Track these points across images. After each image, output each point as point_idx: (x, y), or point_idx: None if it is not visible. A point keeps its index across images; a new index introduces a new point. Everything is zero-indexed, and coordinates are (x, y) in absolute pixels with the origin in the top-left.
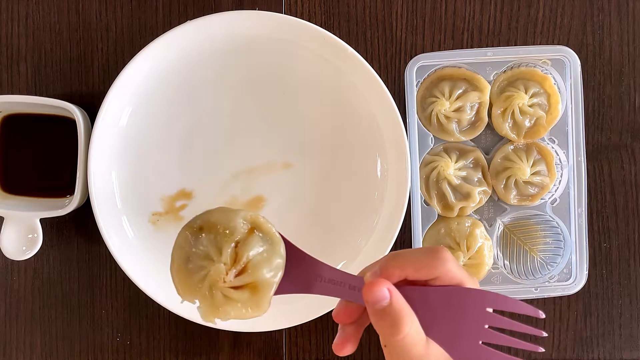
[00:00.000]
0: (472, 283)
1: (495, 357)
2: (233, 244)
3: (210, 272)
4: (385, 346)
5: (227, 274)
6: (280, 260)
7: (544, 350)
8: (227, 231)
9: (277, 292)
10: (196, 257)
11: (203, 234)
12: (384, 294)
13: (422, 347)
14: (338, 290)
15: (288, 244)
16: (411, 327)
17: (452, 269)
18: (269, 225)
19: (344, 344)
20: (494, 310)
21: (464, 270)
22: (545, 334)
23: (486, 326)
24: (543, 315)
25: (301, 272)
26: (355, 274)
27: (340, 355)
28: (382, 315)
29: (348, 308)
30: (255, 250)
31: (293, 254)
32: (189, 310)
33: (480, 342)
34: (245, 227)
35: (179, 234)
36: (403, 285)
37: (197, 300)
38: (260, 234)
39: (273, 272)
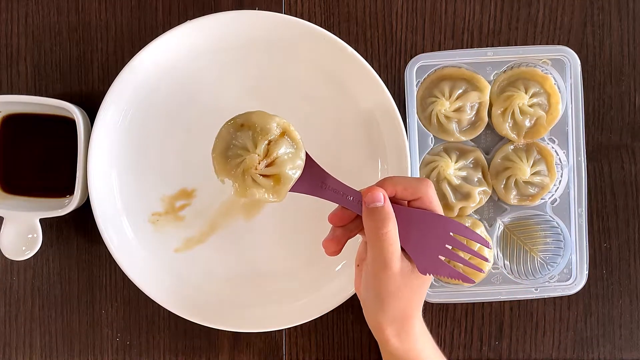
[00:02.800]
0: (441, 212)
1: (446, 269)
2: (266, 142)
3: (246, 160)
4: (358, 266)
5: (259, 163)
6: (300, 162)
7: (484, 274)
8: (263, 131)
9: (292, 189)
10: (235, 147)
11: (243, 130)
12: (380, 197)
13: (397, 249)
14: (338, 197)
15: (307, 155)
16: (394, 227)
17: (432, 196)
18: (296, 133)
19: (332, 242)
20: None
21: (439, 203)
22: (490, 247)
23: (448, 246)
24: (490, 246)
25: (313, 177)
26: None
27: (328, 253)
28: (374, 213)
29: (342, 214)
30: (283, 150)
31: (309, 163)
32: (189, 310)
33: (439, 257)
34: (278, 130)
35: (222, 127)
36: (391, 203)
37: (228, 180)
38: (289, 139)
39: (294, 170)
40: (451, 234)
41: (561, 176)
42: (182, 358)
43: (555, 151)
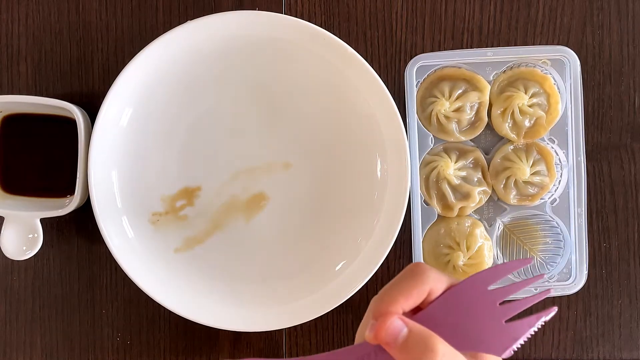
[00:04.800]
0: (455, 279)
1: (524, 326)
2: None
3: None
4: None
5: None
6: None
7: (556, 308)
8: None
9: None
10: None
11: None
12: (399, 325)
13: None
14: None
15: None
16: (444, 344)
17: (437, 277)
18: None
19: None
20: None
21: (443, 273)
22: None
23: (498, 304)
24: (532, 260)
25: None
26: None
27: None
28: (408, 347)
29: None
30: None
31: None
32: (189, 310)
33: (504, 322)
34: None
35: None
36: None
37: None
38: None
39: None
40: (489, 289)
41: (561, 176)
42: (182, 358)
43: (555, 151)
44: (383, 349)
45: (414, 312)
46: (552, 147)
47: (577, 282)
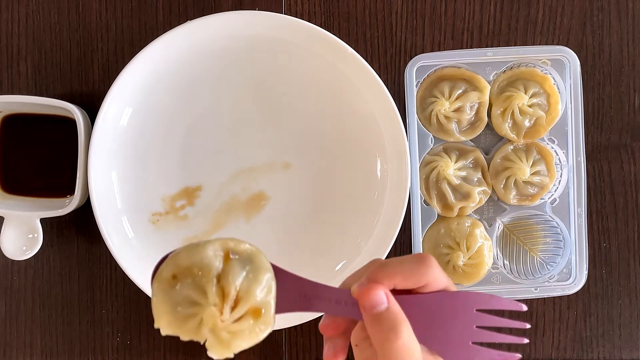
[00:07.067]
0: (454, 287)
1: (485, 354)
2: (215, 280)
3: (204, 319)
4: (357, 346)
5: (221, 313)
6: (269, 274)
7: (527, 341)
8: (204, 269)
9: (277, 311)
10: (183, 305)
11: (179, 282)
12: (382, 299)
13: (419, 355)
14: (328, 306)
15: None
16: (408, 332)
17: (439, 275)
18: (242, 244)
19: (336, 356)
20: (480, 310)
21: (446, 275)
22: (528, 326)
23: (474, 326)
24: (525, 308)
25: (288, 290)
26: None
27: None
28: (379, 320)
29: (335, 321)
30: (239, 276)
31: (276, 273)
32: None
33: (471, 342)
34: (219, 257)
35: (154, 289)
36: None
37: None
38: (237, 256)
39: (266, 289)
40: (475, 310)
41: (560, 176)
42: (182, 358)
43: (555, 151)
44: (358, 305)
45: (403, 293)
46: (552, 147)
47: (577, 282)
